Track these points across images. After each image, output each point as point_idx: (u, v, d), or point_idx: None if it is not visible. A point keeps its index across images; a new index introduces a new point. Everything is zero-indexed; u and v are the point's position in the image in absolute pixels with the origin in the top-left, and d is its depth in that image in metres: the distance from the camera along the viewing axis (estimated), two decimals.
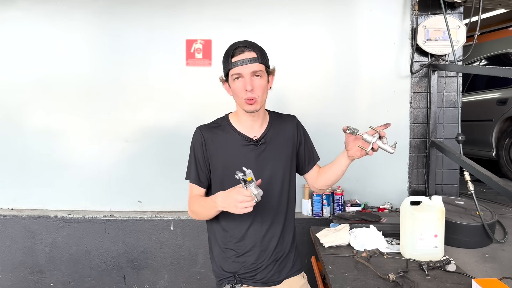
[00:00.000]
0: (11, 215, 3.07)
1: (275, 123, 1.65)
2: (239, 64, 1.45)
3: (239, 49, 1.47)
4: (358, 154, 1.50)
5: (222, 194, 1.39)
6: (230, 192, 1.36)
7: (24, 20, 3.09)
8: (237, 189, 1.34)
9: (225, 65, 1.50)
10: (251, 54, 1.47)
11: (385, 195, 2.99)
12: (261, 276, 1.59)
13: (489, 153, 4.35)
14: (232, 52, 1.47)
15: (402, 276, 1.64)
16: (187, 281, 3.03)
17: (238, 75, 1.47)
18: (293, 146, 1.67)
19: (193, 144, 1.61)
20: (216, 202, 1.40)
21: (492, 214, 2.26)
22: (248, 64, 1.46)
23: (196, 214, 1.60)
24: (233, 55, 1.47)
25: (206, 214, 1.56)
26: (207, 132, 1.59)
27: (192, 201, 1.60)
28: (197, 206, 1.56)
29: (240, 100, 1.51)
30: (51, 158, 3.13)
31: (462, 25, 2.82)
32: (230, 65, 1.47)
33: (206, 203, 1.51)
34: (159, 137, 3.09)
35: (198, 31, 3.03)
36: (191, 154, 1.61)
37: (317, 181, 1.70)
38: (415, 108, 2.98)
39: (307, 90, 3.03)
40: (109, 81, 3.08)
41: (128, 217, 3.03)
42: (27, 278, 3.08)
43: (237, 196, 1.32)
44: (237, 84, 1.48)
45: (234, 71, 1.47)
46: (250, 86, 1.46)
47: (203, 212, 1.56)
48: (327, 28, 3.01)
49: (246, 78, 1.46)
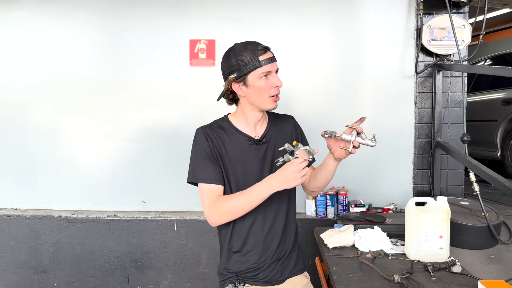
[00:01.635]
0: (15, 215, 3.08)
1: (274, 123, 1.66)
2: (268, 62, 1.48)
3: (262, 48, 1.49)
4: (343, 154, 1.50)
5: (275, 175, 1.41)
6: (283, 169, 1.40)
7: (29, 20, 3.10)
8: (287, 164, 1.39)
9: (250, 64, 1.47)
10: (271, 53, 1.52)
11: (390, 196, 2.97)
12: (264, 275, 1.59)
13: (494, 153, 4.33)
14: (257, 51, 1.47)
15: (407, 277, 1.63)
16: (190, 281, 3.03)
17: (268, 73, 1.49)
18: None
19: (199, 143, 1.55)
20: (272, 184, 1.40)
21: (497, 215, 2.25)
22: (275, 62, 1.51)
23: (231, 212, 1.48)
24: (260, 54, 1.47)
25: (250, 204, 1.46)
26: (210, 132, 1.57)
27: (222, 200, 1.49)
28: (236, 201, 1.46)
29: (265, 98, 1.51)
30: (55, 158, 3.14)
31: (467, 24, 2.81)
32: (258, 63, 1.47)
33: (252, 192, 1.44)
34: (162, 137, 3.09)
35: (201, 31, 3.03)
36: (199, 154, 1.54)
37: (309, 184, 1.68)
38: (420, 108, 2.97)
39: (310, 90, 3.02)
40: (113, 81, 3.09)
41: (132, 217, 3.04)
42: (31, 277, 3.09)
43: (293, 168, 1.37)
44: (265, 81, 1.49)
45: (265, 69, 1.48)
46: (280, 82, 1.51)
47: (246, 204, 1.46)
48: (331, 29, 3.00)
49: (276, 75, 1.52)
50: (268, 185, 1.41)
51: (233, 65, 1.49)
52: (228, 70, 1.51)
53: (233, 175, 1.54)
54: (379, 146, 3.00)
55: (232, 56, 1.49)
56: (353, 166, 2.95)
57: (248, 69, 1.47)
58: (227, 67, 1.51)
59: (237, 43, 1.53)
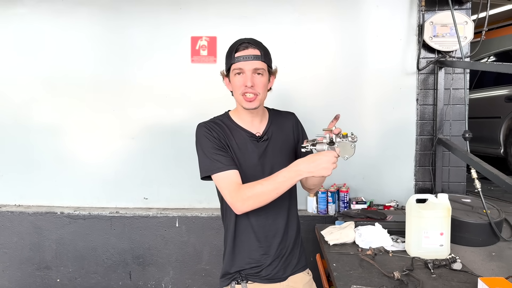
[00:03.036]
0: (18, 212, 3.10)
1: (275, 120, 1.65)
2: (241, 59, 1.46)
3: (244, 45, 1.48)
4: None
5: (305, 160, 1.36)
6: (316, 155, 1.35)
7: (30, 18, 3.10)
8: (323, 152, 1.35)
9: (228, 59, 1.51)
10: (255, 51, 1.48)
11: (391, 193, 2.97)
12: (266, 272, 1.59)
13: (497, 150, 4.31)
14: (236, 47, 1.48)
15: (407, 274, 1.63)
16: (192, 277, 3.04)
17: (240, 71, 1.48)
18: (293, 142, 1.67)
19: (203, 136, 1.52)
20: (300, 170, 1.35)
21: (499, 212, 2.24)
22: (251, 61, 1.46)
23: (256, 198, 1.42)
24: (237, 50, 1.47)
25: (278, 191, 1.40)
26: (213, 126, 1.56)
27: (244, 188, 1.44)
28: (261, 187, 1.40)
29: (238, 96, 1.51)
30: (57, 155, 3.15)
31: (469, 21, 2.79)
32: (232, 60, 1.48)
33: (279, 178, 1.38)
34: (164, 134, 3.10)
35: (203, 28, 3.02)
36: (204, 147, 1.50)
37: (306, 181, 1.66)
38: (422, 105, 2.96)
39: (312, 87, 3.01)
40: (115, 78, 3.09)
41: (134, 214, 3.05)
42: (34, 274, 3.11)
43: (327, 157, 1.33)
44: (237, 79, 1.49)
45: (236, 65, 1.47)
46: (251, 82, 1.46)
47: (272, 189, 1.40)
48: (333, 25, 2.99)
49: (247, 74, 1.47)
50: (297, 170, 1.36)
51: (225, 59, 1.54)
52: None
53: None
54: (381, 143, 3.02)
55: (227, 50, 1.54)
56: (355, 163, 2.93)
57: (227, 65, 1.52)
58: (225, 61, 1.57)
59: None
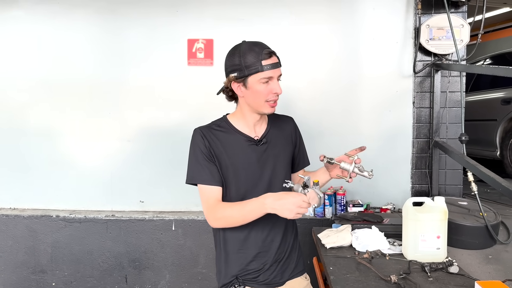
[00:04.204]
0: (13, 215, 3.08)
1: (275, 123, 1.65)
2: (270, 67, 1.46)
3: (268, 53, 1.47)
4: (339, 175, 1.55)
5: (273, 195, 1.36)
6: (285, 195, 1.34)
7: (26, 19, 3.09)
8: (294, 193, 1.35)
9: (252, 67, 1.45)
10: (276, 58, 1.50)
11: (388, 196, 2.97)
12: (264, 277, 1.58)
13: (493, 153, 4.32)
14: (262, 55, 1.45)
15: (404, 277, 1.62)
16: (188, 281, 3.03)
17: (269, 79, 1.48)
18: (292, 147, 1.67)
19: (197, 144, 1.53)
20: (265, 204, 1.35)
21: (495, 215, 2.24)
22: (278, 69, 1.49)
23: (226, 220, 1.48)
24: (263, 59, 1.45)
25: (244, 219, 1.45)
26: (208, 132, 1.55)
27: (218, 207, 1.48)
28: (231, 211, 1.45)
29: (261, 102, 1.50)
30: (53, 158, 3.13)
31: (465, 24, 2.80)
32: (261, 68, 1.45)
33: (247, 206, 1.41)
34: (160, 137, 3.09)
35: (199, 30, 3.02)
36: (197, 154, 1.52)
37: None
38: (418, 108, 2.96)
39: (308, 89, 3.01)
40: (111, 80, 3.08)
41: (130, 217, 3.03)
42: (29, 277, 3.08)
43: (294, 200, 1.31)
44: (265, 86, 1.48)
45: (266, 74, 1.46)
46: (280, 89, 1.50)
47: (239, 217, 1.45)
48: (329, 27, 3.00)
49: (276, 82, 1.50)
50: (262, 203, 1.37)
51: (235, 64, 1.47)
52: (230, 67, 1.50)
53: (233, 175, 1.53)
54: (378, 145, 3.02)
55: (236, 54, 1.47)
56: None
57: (250, 72, 1.46)
58: (229, 64, 1.50)
59: (245, 42, 1.50)
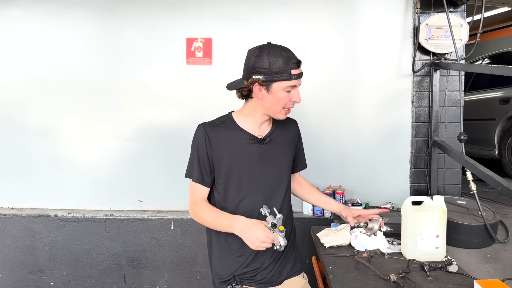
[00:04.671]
0: (11, 214, 3.07)
1: (279, 124, 1.65)
2: (297, 77, 1.48)
3: (296, 61, 1.48)
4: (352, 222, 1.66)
5: (244, 221, 1.40)
6: (254, 226, 1.37)
7: (24, 18, 3.08)
8: (263, 227, 1.37)
9: (281, 74, 1.44)
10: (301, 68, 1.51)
11: (387, 195, 2.97)
12: (261, 276, 1.58)
13: (491, 152, 4.33)
14: (292, 65, 1.46)
15: (403, 276, 1.62)
16: (187, 280, 3.02)
17: (293, 88, 1.49)
18: (294, 149, 1.69)
19: (196, 141, 1.56)
20: (235, 226, 1.41)
21: (494, 214, 2.24)
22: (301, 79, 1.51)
23: (201, 220, 1.55)
24: (293, 67, 1.46)
25: (216, 227, 1.54)
26: (210, 129, 1.55)
27: (199, 207, 1.55)
28: (207, 216, 1.52)
29: (279, 108, 1.51)
30: (51, 157, 3.12)
31: (464, 23, 2.80)
32: (289, 77, 1.45)
33: (220, 219, 1.48)
34: (159, 136, 3.08)
35: (198, 29, 3.01)
36: (194, 151, 1.56)
37: (297, 193, 1.82)
38: (417, 107, 2.96)
39: (307, 88, 2.96)
40: (109, 79, 3.07)
41: (128, 217, 3.02)
42: (27, 277, 3.08)
43: (259, 235, 1.34)
44: (287, 94, 1.48)
45: (293, 83, 1.47)
46: (300, 99, 1.52)
47: (212, 224, 1.53)
48: (328, 27, 2.99)
49: (298, 91, 1.51)
50: (233, 223, 1.42)
51: (264, 67, 1.44)
52: (256, 69, 1.45)
53: (234, 172, 1.54)
54: (376, 145, 3.02)
55: (265, 57, 1.44)
56: (350, 165, 2.95)
57: (277, 78, 1.44)
58: (256, 66, 1.45)
59: (271, 44, 1.48)
